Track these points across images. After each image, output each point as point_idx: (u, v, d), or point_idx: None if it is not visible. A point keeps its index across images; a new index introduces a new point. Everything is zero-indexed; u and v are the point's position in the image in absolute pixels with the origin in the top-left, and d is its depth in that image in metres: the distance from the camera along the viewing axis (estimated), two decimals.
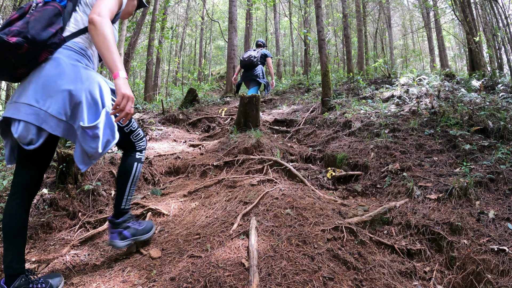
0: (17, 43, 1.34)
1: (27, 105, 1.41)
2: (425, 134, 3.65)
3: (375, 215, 2.36)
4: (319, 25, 5.78)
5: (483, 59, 6.56)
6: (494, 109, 3.76)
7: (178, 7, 18.16)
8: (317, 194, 2.74)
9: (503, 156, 2.85)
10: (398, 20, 21.48)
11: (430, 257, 2.02)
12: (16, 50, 1.36)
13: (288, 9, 15.48)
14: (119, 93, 1.41)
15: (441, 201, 2.45)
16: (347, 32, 9.80)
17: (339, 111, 5.08)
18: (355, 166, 3.41)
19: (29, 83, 1.46)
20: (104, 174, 3.20)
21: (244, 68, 5.44)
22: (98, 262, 1.93)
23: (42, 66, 1.46)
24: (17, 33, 1.37)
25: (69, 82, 1.45)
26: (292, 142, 4.78)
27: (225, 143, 4.21)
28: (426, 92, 5.01)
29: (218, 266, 1.66)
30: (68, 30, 1.55)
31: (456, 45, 20.37)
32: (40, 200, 2.61)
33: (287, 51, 20.79)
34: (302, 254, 1.75)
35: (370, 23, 15.75)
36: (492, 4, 6.93)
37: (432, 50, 15.85)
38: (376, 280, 1.66)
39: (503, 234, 1.99)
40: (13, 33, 1.37)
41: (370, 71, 9.98)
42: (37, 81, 1.44)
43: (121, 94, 1.41)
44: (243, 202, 2.49)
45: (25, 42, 1.36)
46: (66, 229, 2.49)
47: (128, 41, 7.27)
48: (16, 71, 1.44)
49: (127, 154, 1.82)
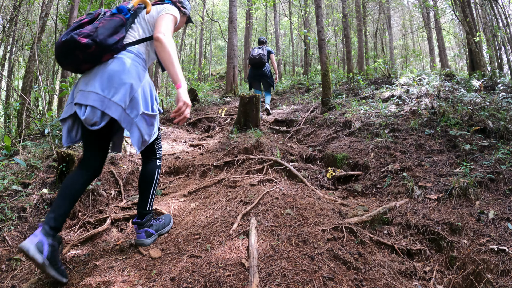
0: (86, 44, 1.64)
1: (94, 93, 1.69)
2: (425, 134, 3.65)
3: (375, 215, 2.36)
4: (319, 25, 5.78)
5: (483, 59, 6.56)
6: (494, 109, 3.76)
7: None
8: (317, 194, 2.74)
9: (503, 156, 2.85)
10: (398, 20, 21.49)
11: (430, 257, 2.02)
12: (85, 50, 1.66)
13: (288, 9, 15.48)
14: (181, 100, 1.74)
15: (441, 201, 2.45)
16: (347, 32, 9.80)
17: (339, 111, 5.08)
18: (355, 166, 3.41)
19: (95, 75, 1.74)
20: (104, 174, 3.20)
21: (253, 66, 5.63)
22: (98, 262, 1.93)
23: (107, 63, 1.75)
24: (86, 35, 1.65)
25: (131, 78, 1.75)
26: (292, 142, 4.78)
27: (225, 143, 4.21)
28: (426, 92, 5.01)
29: (218, 266, 1.66)
30: (128, 38, 1.86)
31: (456, 45, 20.37)
32: (40, 200, 2.61)
33: (287, 51, 20.79)
34: (302, 254, 1.75)
35: (370, 23, 15.75)
36: (492, 4, 6.93)
37: (432, 50, 15.85)
38: (376, 280, 1.66)
39: (503, 234, 1.99)
40: (83, 34, 1.65)
41: (370, 71, 9.98)
42: (102, 74, 1.73)
43: (182, 101, 1.74)
44: (243, 202, 2.49)
45: (94, 44, 1.65)
46: (66, 229, 2.49)
47: None
48: (81, 65, 1.75)
49: (148, 161, 2.02)
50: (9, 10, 8.21)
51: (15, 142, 4.12)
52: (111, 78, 1.72)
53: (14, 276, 1.85)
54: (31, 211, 2.50)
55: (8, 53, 9.10)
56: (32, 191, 2.72)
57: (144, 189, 2.00)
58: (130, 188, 3.29)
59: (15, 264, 1.96)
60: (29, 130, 5.54)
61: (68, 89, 3.82)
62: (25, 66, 7.48)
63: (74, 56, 1.68)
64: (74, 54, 1.67)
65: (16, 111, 5.91)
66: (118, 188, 3.15)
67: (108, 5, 8.23)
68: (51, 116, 4.31)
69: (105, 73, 1.73)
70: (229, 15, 10.56)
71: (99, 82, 1.72)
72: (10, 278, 1.83)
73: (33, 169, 3.12)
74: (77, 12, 6.49)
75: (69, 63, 1.74)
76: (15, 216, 2.41)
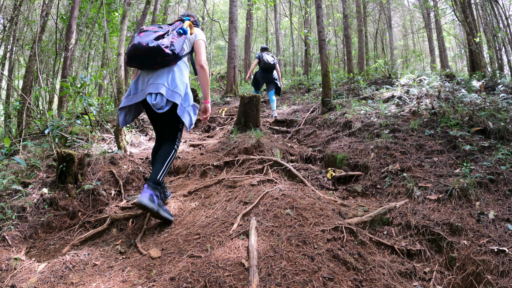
0: (168, 53, 2.28)
1: (163, 85, 2.30)
2: (425, 135, 3.65)
3: (375, 216, 2.36)
4: (320, 26, 5.78)
5: (484, 59, 6.56)
6: (495, 109, 3.76)
7: (178, 7, 18.17)
8: (317, 194, 2.74)
9: (503, 157, 2.85)
10: (398, 21, 21.48)
11: (430, 258, 2.02)
12: (165, 56, 2.29)
13: (289, 9, 15.48)
14: (208, 111, 2.58)
15: (441, 201, 2.45)
16: (347, 32, 9.80)
17: (339, 112, 5.08)
18: (355, 167, 3.41)
19: (162, 74, 2.37)
20: (104, 174, 3.20)
21: (265, 70, 6.29)
22: (98, 262, 1.93)
23: (172, 67, 2.41)
24: (166, 46, 2.29)
25: (185, 79, 2.45)
26: (292, 142, 4.77)
27: (225, 143, 4.21)
28: (426, 92, 5.01)
29: (218, 266, 1.66)
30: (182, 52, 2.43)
31: (457, 45, 20.37)
32: (40, 199, 2.61)
33: (287, 51, 20.78)
34: (302, 254, 1.75)
35: (371, 23, 15.75)
36: (492, 4, 6.94)
37: (432, 51, 15.85)
38: (376, 281, 1.66)
39: (503, 235, 1.99)
40: (165, 45, 2.28)
41: (370, 72, 9.98)
42: (168, 74, 2.38)
43: (208, 111, 2.59)
44: (243, 202, 2.48)
45: (172, 54, 2.31)
46: (66, 229, 2.49)
47: (128, 41, 7.28)
48: (154, 66, 2.36)
49: (169, 144, 2.48)
50: (9, 9, 8.21)
51: (15, 142, 4.12)
52: (174, 78, 2.37)
53: (14, 276, 1.85)
54: (31, 211, 2.50)
55: (8, 52, 9.10)
56: (32, 190, 2.72)
57: (159, 162, 2.38)
58: (130, 188, 3.29)
59: (15, 264, 1.95)
60: (29, 130, 5.54)
61: (69, 88, 3.82)
62: (25, 65, 7.49)
63: (154, 58, 2.29)
64: (155, 57, 2.28)
65: (16, 110, 5.91)
66: (118, 188, 3.15)
67: (108, 4, 8.24)
68: (51, 116, 4.31)
69: (170, 74, 2.38)
70: (229, 15, 10.57)
71: (166, 79, 2.34)
72: (10, 278, 1.83)
73: (33, 169, 3.12)
74: (78, 12, 6.50)
75: (146, 62, 2.34)
76: (15, 216, 2.41)
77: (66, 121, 4.11)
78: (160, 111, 2.25)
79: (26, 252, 2.18)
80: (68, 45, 5.99)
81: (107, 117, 5.87)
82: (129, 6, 4.34)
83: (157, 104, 2.23)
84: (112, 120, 5.60)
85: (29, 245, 2.27)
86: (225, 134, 5.19)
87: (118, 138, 3.99)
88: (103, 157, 3.48)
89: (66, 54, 5.93)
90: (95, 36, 10.94)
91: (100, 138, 4.59)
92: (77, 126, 4.10)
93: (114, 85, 5.77)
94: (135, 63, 2.36)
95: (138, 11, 11.84)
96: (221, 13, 20.96)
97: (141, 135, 5.28)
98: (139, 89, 2.38)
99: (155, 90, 2.26)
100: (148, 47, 2.23)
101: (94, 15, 8.27)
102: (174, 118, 2.43)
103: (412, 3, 18.95)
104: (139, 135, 5.19)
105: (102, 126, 5.25)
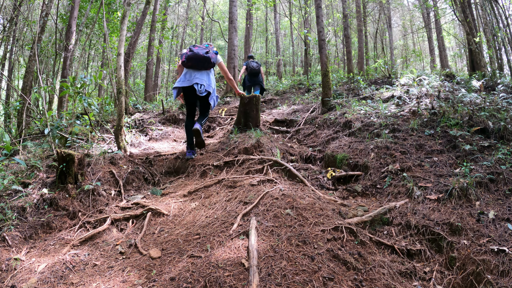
0: (212, 62, 3.83)
1: (204, 80, 3.80)
2: (425, 135, 3.65)
3: (375, 216, 2.36)
4: (320, 25, 5.79)
5: (483, 59, 6.56)
6: (494, 109, 3.76)
7: (178, 7, 18.15)
8: (317, 194, 2.74)
9: (503, 156, 2.85)
10: (398, 21, 21.48)
11: (430, 258, 2.02)
12: (209, 64, 3.82)
13: (289, 9, 15.48)
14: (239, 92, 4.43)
15: (441, 201, 2.45)
16: (347, 32, 9.80)
17: (339, 111, 5.08)
18: (355, 166, 3.41)
19: (203, 74, 3.85)
20: (104, 174, 3.20)
21: (251, 74, 7.55)
22: (98, 262, 1.93)
23: (209, 70, 3.94)
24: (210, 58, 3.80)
25: (214, 81, 4.01)
26: (292, 142, 4.77)
27: (225, 143, 4.21)
28: (426, 92, 5.01)
29: (218, 266, 1.66)
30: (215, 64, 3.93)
31: (456, 45, 20.36)
32: (40, 200, 2.61)
33: (287, 51, 20.78)
34: (302, 254, 1.75)
35: (370, 23, 15.75)
36: (492, 4, 6.94)
37: (432, 51, 15.85)
38: (376, 281, 1.66)
39: (503, 234, 1.99)
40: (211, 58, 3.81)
41: (370, 71, 9.98)
42: (207, 74, 3.89)
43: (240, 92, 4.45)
44: (243, 202, 2.48)
45: (212, 63, 3.84)
46: (66, 229, 2.49)
47: (128, 41, 7.28)
48: (201, 68, 3.85)
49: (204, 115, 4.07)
50: (9, 9, 8.21)
51: (15, 142, 4.12)
52: (209, 78, 3.89)
53: (14, 276, 1.85)
54: (31, 211, 2.50)
55: (8, 52, 9.10)
56: (32, 191, 2.72)
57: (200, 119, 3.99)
58: (130, 188, 3.29)
59: (15, 264, 1.95)
60: (29, 130, 5.54)
61: (69, 88, 3.84)
62: (25, 66, 7.48)
63: (204, 63, 3.79)
64: (204, 63, 3.79)
65: (16, 110, 5.91)
66: (118, 188, 3.15)
67: (108, 4, 8.23)
68: (51, 116, 4.31)
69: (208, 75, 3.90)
70: (229, 15, 10.57)
71: (206, 77, 3.84)
72: (10, 278, 1.83)
73: (33, 169, 3.12)
74: (77, 12, 6.49)
75: (198, 64, 3.79)
76: (15, 216, 2.40)
77: (66, 121, 4.11)
78: (201, 95, 3.73)
79: (26, 252, 2.18)
80: (68, 45, 5.99)
81: (107, 117, 5.87)
82: (129, 6, 4.34)
83: (201, 90, 3.71)
84: (112, 120, 5.60)
85: (29, 245, 2.27)
86: (225, 134, 5.19)
87: (118, 138, 3.99)
88: (103, 157, 3.48)
89: (66, 54, 5.93)
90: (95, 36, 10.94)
91: (100, 138, 4.59)
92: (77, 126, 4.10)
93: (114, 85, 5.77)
94: (191, 63, 3.78)
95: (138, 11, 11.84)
96: (221, 13, 20.96)
97: (141, 135, 5.28)
98: (187, 79, 3.79)
99: (200, 82, 3.74)
100: (203, 56, 3.75)
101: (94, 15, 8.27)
102: (207, 101, 3.93)
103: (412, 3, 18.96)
104: (139, 135, 5.19)
105: (102, 126, 5.26)
